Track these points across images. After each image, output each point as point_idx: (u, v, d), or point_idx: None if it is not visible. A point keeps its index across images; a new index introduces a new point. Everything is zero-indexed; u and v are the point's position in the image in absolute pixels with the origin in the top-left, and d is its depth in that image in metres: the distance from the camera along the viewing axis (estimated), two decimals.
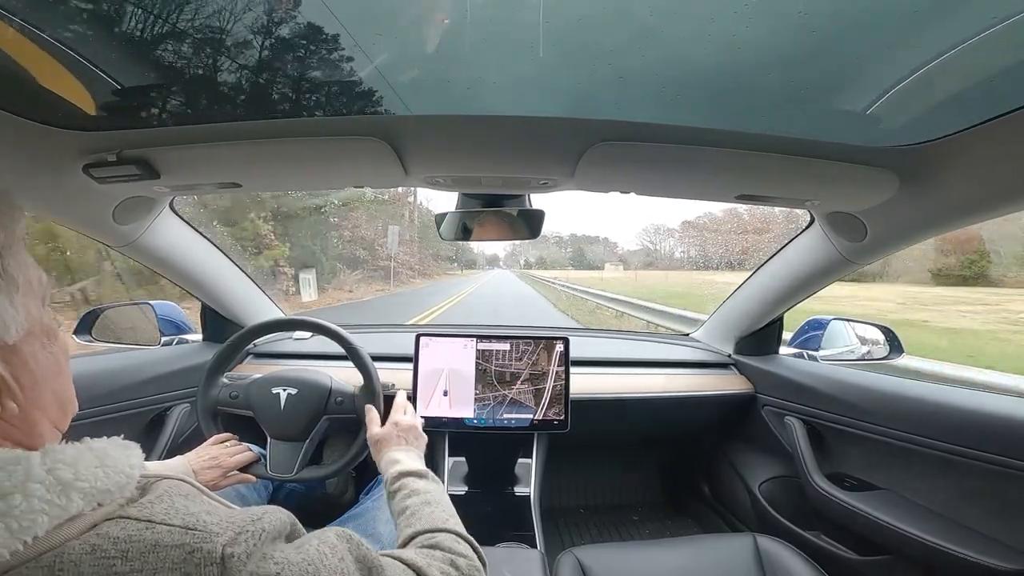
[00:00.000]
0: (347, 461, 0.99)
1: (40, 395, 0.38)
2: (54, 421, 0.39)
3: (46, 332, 0.40)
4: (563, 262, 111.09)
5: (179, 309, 1.45)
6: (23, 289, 0.37)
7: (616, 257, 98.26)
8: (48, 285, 0.41)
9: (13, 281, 0.36)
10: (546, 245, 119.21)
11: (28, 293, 0.38)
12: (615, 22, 0.50)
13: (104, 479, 0.35)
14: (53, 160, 0.76)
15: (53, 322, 0.41)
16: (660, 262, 77.68)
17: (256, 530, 0.37)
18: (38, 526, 0.31)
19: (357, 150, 0.76)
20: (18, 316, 0.36)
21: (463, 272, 61.91)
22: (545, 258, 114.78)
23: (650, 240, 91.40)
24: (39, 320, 0.39)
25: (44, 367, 0.39)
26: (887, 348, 1.37)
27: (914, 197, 0.81)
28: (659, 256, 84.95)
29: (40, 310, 0.39)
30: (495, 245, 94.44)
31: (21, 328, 0.36)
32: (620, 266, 75.29)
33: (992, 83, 0.54)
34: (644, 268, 73.18)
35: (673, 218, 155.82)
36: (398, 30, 0.52)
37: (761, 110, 0.66)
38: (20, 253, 0.38)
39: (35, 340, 0.38)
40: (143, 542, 0.33)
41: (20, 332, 0.36)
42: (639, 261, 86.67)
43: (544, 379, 1.29)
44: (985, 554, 0.86)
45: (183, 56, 0.55)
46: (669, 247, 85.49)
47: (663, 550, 1.01)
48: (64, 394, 0.41)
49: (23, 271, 0.37)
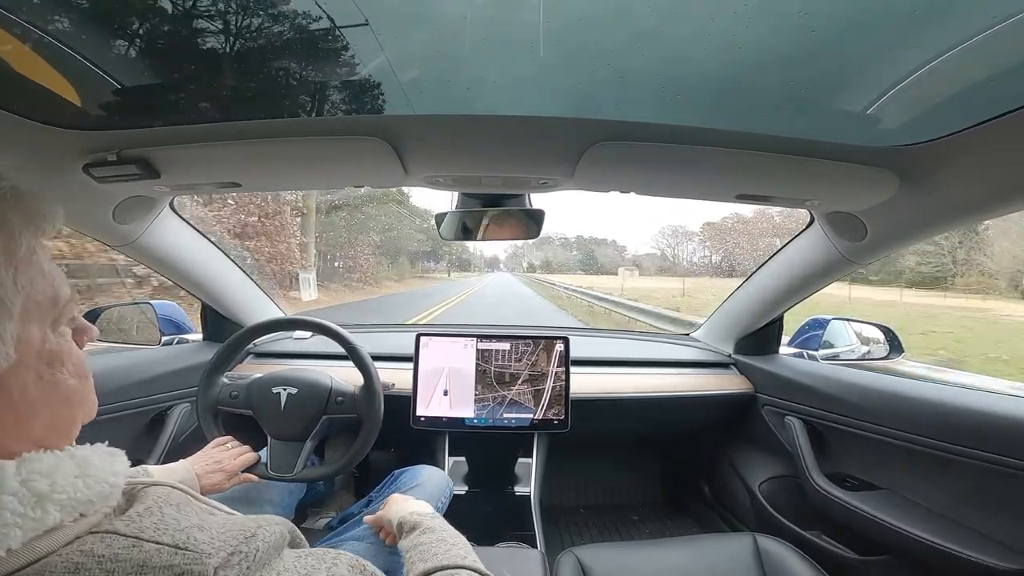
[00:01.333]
0: (347, 461, 0.99)
1: (24, 428, 0.34)
2: (44, 446, 0.35)
3: (47, 358, 0.35)
4: (571, 265, 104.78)
5: (179, 309, 1.45)
6: (21, 312, 0.33)
7: (629, 261, 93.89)
8: (70, 302, 0.37)
9: (4, 307, 0.32)
10: (551, 247, 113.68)
11: (28, 316, 0.33)
12: (615, 22, 0.50)
13: (84, 489, 0.33)
14: (53, 160, 0.76)
15: (64, 345, 0.37)
16: (677, 267, 74.51)
17: (250, 550, 0.35)
18: (11, 539, 0.30)
19: (357, 150, 0.76)
20: (3, 346, 0.31)
21: (451, 276, 51.21)
22: (551, 260, 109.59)
23: (667, 243, 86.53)
24: (38, 347, 0.34)
25: (36, 399, 0.34)
26: (887, 348, 1.37)
27: (914, 197, 0.81)
28: (676, 261, 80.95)
29: (44, 334, 0.35)
30: (495, 246, 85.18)
31: (5, 359, 0.32)
32: (635, 271, 71.56)
33: (992, 83, 0.54)
34: (659, 273, 69.97)
35: (692, 220, 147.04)
36: (398, 30, 0.52)
37: (761, 110, 0.66)
38: (31, 269, 0.34)
39: (27, 370, 0.33)
40: (129, 562, 0.31)
41: (4, 363, 0.32)
42: (653, 265, 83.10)
43: (543, 380, 1.29)
44: (985, 554, 0.86)
45: (183, 56, 0.55)
46: (689, 251, 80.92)
47: (663, 550, 1.01)
48: (64, 421, 0.37)
49: (26, 290, 0.33)
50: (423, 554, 0.58)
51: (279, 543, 0.39)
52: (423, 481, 1.02)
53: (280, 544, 0.39)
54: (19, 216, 0.34)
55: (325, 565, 0.40)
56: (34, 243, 0.35)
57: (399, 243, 25.41)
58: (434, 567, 0.55)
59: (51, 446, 0.35)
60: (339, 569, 0.41)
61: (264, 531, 0.37)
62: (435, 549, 0.59)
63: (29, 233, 0.34)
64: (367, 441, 0.99)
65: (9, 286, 0.32)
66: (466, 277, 53.83)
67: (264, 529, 0.38)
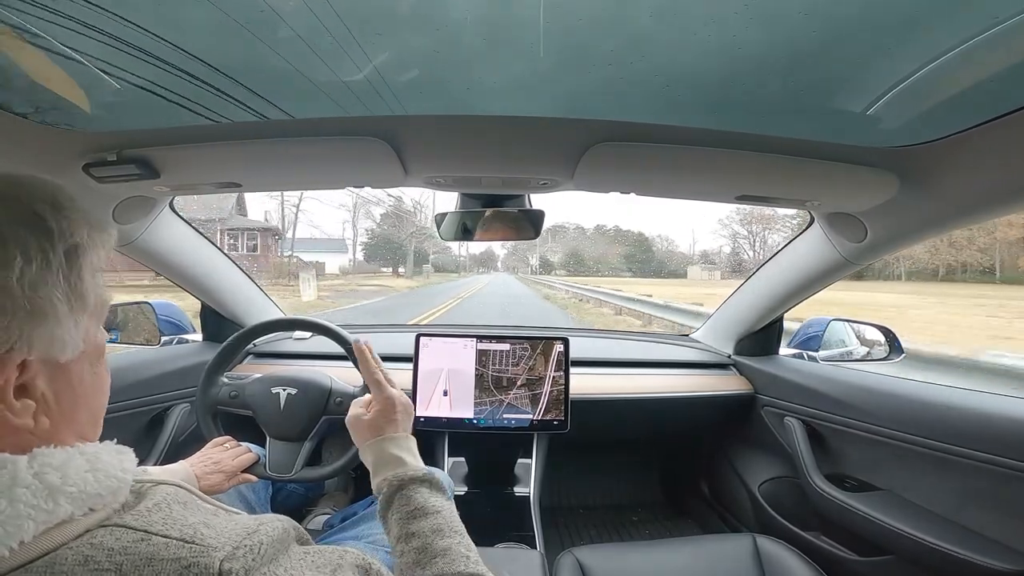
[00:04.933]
0: (347, 461, 0.99)
1: (76, 414, 0.38)
2: (82, 435, 0.40)
3: (98, 352, 0.40)
4: (613, 265, 79.03)
5: (179, 309, 1.45)
6: (91, 310, 0.38)
7: (698, 258, 74.30)
8: (107, 305, 0.42)
9: (84, 301, 0.37)
10: (579, 238, 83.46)
11: (94, 314, 0.39)
12: (615, 23, 0.50)
13: (95, 484, 0.35)
14: (53, 160, 0.76)
15: (104, 342, 0.42)
16: (754, 264, 55.63)
17: (254, 544, 0.36)
18: (24, 531, 0.30)
19: (357, 150, 0.76)
20: (77, 336, 0.36)
21: (414, 280, 32.37)
22: (580, 253, 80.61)
23: (744, 230, 66.17)
24: (94, 340, 0.39)
25: (88, 387, 0.39)
26: (887, 349, 1.37)
27: (914, 198, 0.81)
28: (764, 254, 53.10)
29: (97, 330, 0.40)
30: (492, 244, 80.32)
31: (77, 348, 0.36)
32: (717, 272, 58.47)
33: (992, 83, 0.54)
34: (734, 275, 51.98)
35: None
36: (398, 30, 0.52)
37: (761, 111, 0.66)
38: (99, 274, 0.39)
39: (86, 360, 0.39)
40: (138, 555, 0.32)
41: (75, 352, 0.36)
42: (725, 263, 66.29)
43: (540, 384, 1.29)
44: (985, 555, 0.86)
45: (183, 55, 0.55)
46: (775, 241, 60.60)
47: (663, 550, 1.01)
48: (99, 412, 0.42)
49: (95, 291, 0.38)
50: (419, 556, 0.51)
51: (284, 538, 0.40)
52: None
53: (286, 539, 0.40)
54: (96, 232, 0.39)
55: (332, 561, 0.41)
56: (102, 252, 0.40)
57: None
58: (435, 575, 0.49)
59: (88, 437, 0.40)
60: (345, 565, 0.41)
61: (266, 527, 0.38)
62: (434, 547, 0.52)
63: (99, 242, 0.40)
64: None
65: (91, 285, 0.37)
66: (438, 284, 30.36)
67: (266, 525, 0.38)
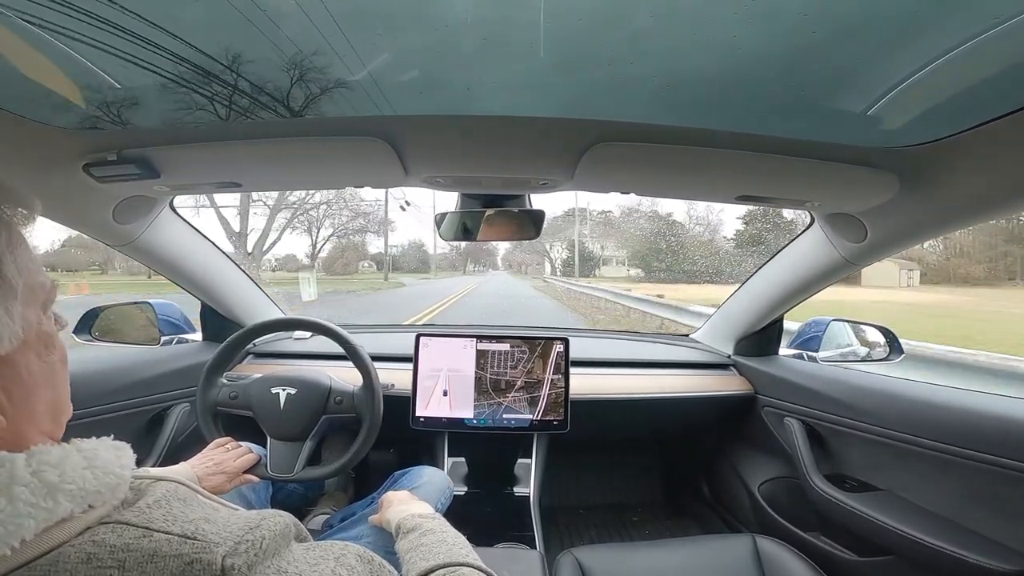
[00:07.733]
0: (347, 461, 0.99)
1: (32, 407, 0.36)
2: (46, 431, 0.38)
3: (44, 341, 0.38)
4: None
5: (179, 309, 1.45)
6: (23, 296, 0.35)
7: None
8: (53, 290, 0.39)
9: (11, 287, 0.34)
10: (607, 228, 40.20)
11: (29, 300, 0.36)
12: (615, 23, 0.50)
13: (93, 480, 0.34)
14: (53, 159, 0.76)
15: (53, 329, 0.39)
16: (925, 256, 38.88)
17: (255, 539, 0.36)
18: (24, 530, 0.30)
19: (357, 150, 0.76)
20: (13, 325, 0.34)
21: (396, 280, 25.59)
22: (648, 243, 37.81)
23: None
24: (37, 328, 0.37)
25: (38, 377, 0.37)
26: (887, 349, 1.36)
27: (914, 198, 0.81)
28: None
29: (40, 317, 0.37)
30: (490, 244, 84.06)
31: (16, 338, 0.34)
32: (915, 270, 52.21)
33: (992, 84, 0.54)
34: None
35: None
36: (398, 30, 0.52)
37: (761, 111, 0.66)
38: (24, 256, 0.35)
39: (30, 350, 0.36)
40: (141, 551, 0.32)
41: (14, 342, 0.34)
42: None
43: (539, 387, 1.29)
44: (985, 555, 0.86)
45: (183, 55, 0.55)
46: None
47: (662, 550, 1.01)
48: (58, 403, 0.39)
49: (25, 276, 0.35)
50: (425, 553, 0.59)
51: (285, 533, 0.40)
52: (424, 482, 1.02)
53: (287, 535, 0.40)
54: (9, 206, 0.36)
55: (334, 555, 0.41)
56: (23, 231, 0.37)
57: None
58: (436, 565, 0.55)
59: (53, 433, 0.38)
60: (348, 559, 0.41)
61: (268, 522, 0.38)
62: (437, 549, 0.59)
63: (18, 221, 0.36)
64: (367, 441, 0.99)
65: (12, 269, 0.34)
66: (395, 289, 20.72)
67: (268, 520, 0.39)
